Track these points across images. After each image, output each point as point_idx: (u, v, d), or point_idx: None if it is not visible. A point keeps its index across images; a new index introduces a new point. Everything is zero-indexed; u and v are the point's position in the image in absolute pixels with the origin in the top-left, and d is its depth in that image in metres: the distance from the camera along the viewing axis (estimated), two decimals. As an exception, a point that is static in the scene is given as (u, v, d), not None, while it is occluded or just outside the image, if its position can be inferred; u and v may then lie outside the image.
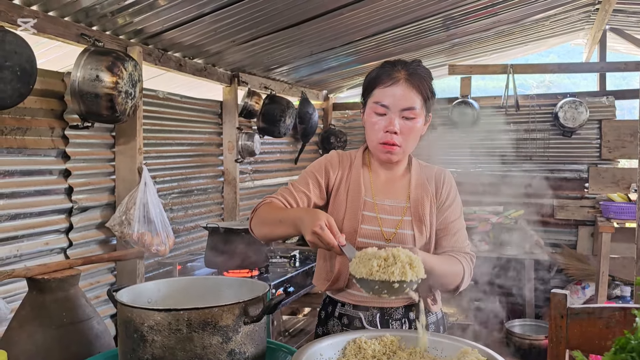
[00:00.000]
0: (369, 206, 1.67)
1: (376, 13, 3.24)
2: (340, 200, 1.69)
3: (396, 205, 1.68)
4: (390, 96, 1.59)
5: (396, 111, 1.59)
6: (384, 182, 1.72)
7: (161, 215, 2.92)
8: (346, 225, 1.66)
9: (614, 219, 4.28)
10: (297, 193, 1.65)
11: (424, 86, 1.61)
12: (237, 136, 4.00)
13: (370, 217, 1.66)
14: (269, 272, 3.37)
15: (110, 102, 2.46)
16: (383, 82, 1.61)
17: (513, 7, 3.65)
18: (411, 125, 1.61)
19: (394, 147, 1.61)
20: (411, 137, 1.63)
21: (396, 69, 1.62)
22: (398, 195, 1.70)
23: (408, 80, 1.59)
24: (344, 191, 1.69)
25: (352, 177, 1.71)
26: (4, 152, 2.36)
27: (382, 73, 1.62)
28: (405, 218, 1.66)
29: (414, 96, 1.59)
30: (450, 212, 1.70)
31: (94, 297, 2.78)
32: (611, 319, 1.30)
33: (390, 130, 1.59)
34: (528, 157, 5.08)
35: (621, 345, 0.83)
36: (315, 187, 1.69)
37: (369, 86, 1.66)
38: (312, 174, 1.71)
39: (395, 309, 1.67)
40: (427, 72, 1.66)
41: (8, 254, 2.37)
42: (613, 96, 4.89)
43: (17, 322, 1.56)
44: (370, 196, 1.69)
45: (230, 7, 2.73)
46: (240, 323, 1.25)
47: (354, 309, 1.68)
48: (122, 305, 1.26)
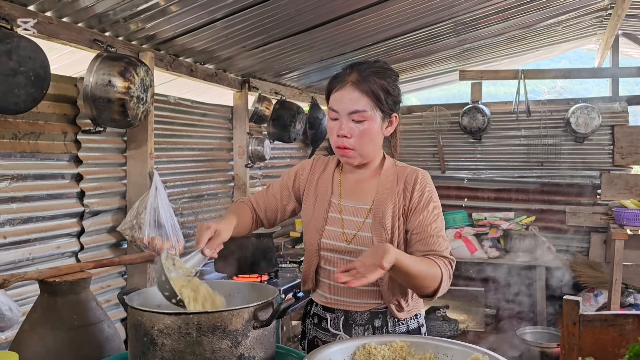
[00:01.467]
0: (335, 207, 1.69)
1: (387, 18, 3.24)
2: (309, 202, 1.73)
3: (360, 207, 1.66)
4: (339, 101, 1.59)
5: (344, 115, 1.58)
6: (352, 183, 1.72)
7: (172, 220, 2.93)
8: (312, 226, 1.70)
9: (627, 226, 4.23)
10: (268, 196, 1.80)
11: (372, 88, 1.56)
12: (248, 141, 4.02)
13: (335, 219, 1.68)
14: (279, 277, 3.38)
15: (122, 107, 2.47)
16: (334, 87, 1.62)
17: (525, 12, 3.64)
18: (362, 128, 1.58)
19: (347, 150, 1.61)
20: (364, 140, 1.59)
21: (347, 72, 1.61)
22: (364, 196, 1.68)
23: (354, 83, 1.57)
24: (313, 193, 1.73)
25: (323, 179, 1.74)
26: (17, 156, 2.38)
27: (334, 77, 1.64)
28: (367, 220, 1.64)
29: (360, 99, 1.56)
30: (426, 214, 1.60)
31: (104, 300, 2.79)
32: (625, 327, 1.28)
33: (340, 134, 1.59)
34: (539, 163, 5.05)
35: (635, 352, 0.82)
36: (284, 190, 1.79)
37: (326, 91, 1.67)
38: (284, 177, 1.82)
39: (359, 313, 1.66)
40: (385, 74, 1.61)
41: (20, 257, 2.39)
42: (626, 102, 4.85)
43: (28, 324, 1.57)
44: (336, 197, 1.70)
45: (241, 12, 2.74)
46: (250, 327, 1.25)
47: (323, 309, 1.72)
48: (133, 309, 1.26)
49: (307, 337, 1.78)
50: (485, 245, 4.88)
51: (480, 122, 5.04)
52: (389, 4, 3.00)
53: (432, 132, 5.34)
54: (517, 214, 5.02)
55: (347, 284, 1.32)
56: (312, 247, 1.70)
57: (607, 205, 4.77)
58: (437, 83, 5.83)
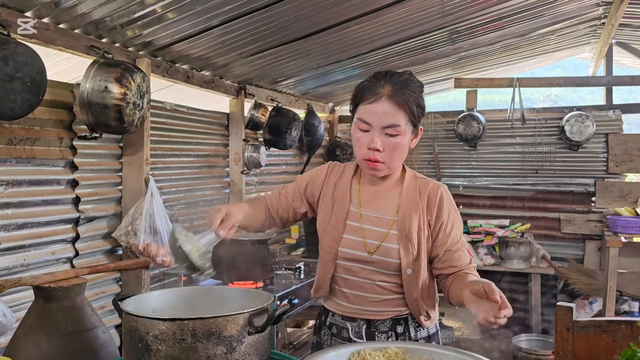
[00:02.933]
0: (354, 216, 1.67)
1: (382, 26, 3.27)
2: (325, 208, 1.71)
3: (383, 218, 1.65)
4: (372, 113, 1.55)
5: (378, 128, 1.55)
6: (372, 193, 1.70)
7: (167, 226, 2.93)
8: (329, 233, 1.67)
9: (621, 234, 4.24)
10: (281, 197, 1.77)
11: (409, 102, 1.55)
12: (244, 148, 4.02)
13: (354, 227, 1.66)
14: (274, 284, 3.37)
15: (119, 113, 2.48)
16: (366, 98, 1.57)
17: (519, 21, 3.67)
18: (395, 142, 1.56)
19: (377, 163, 1.58)
20: (396, 153, 1.58)
21: (380, 83, 1.57)
22: (385, 207, 1.66)
23: (391, 97, 1.54)
24: (330, 200, 1.70)
25: (340, 187, 1.71)
26: (13, 161, 2.38)
27: (365, 88, 1.59)
28: (392, 231, 1.63)
29: (396, 113, 1.54)
30: (454, 233, 1.66)
31: (99, 307, 2.78)
32: (617, 333, 1.29)
33: (372, 147, 1.56)
34: (534, 170, 5.07)
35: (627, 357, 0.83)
36: (297, 193, 1.76)
37: (354, 101, 1.63)
38: (299, 181, 1.79)
39: (382, 321, 1.66)
40: (415, 85, 1.60)
41: (15, 263, 2.38)
42: (620, 110, 4.88)
43: (23, 330, 1.57)
44: (355, 206, 1.68)
45: (238, 20, 2.76)
46: (245, 333, 1.25)
47: (342, 319, 1.69)
48: (127, 315, 1.26)
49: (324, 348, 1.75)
50: (481, 252, 4.89)
51: (476, 130, 5.06)
52: (385, 12, 3.02)
53: (427, 140, 5.35)
54: (512, 221, 5.03)
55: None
56: (328, 255, 1.67)
57: (602, 213, 4.79)
58: (433, 91, 5.86)
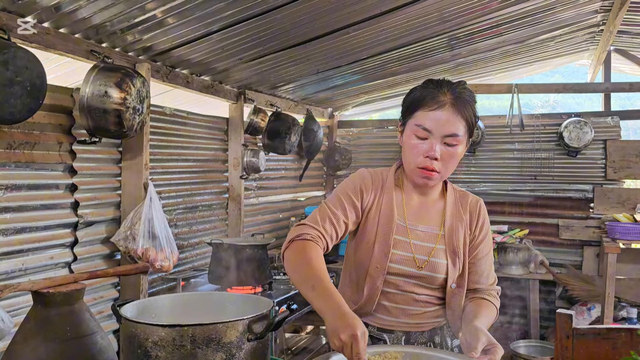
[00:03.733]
0: (401, 230, 1.61)
1: (381, 32, 3.28)
2: (372, 222, 1.62)
3: (430, 232, 1.62)
4: (434, 120, 1.51)
5: (438, 136, 1.51)
6: (417, 205, 1.65)
7: (166, 231, 2.93)
8: (377, 249, 1.60)
9: (619, 240, 4.25)
10: (335, 219, 1.56)
11: (469, 112, 1.53)
12: (243, 153, 4.02)
13: (403, 242, 1.60)
14: (273, 289, 3.36)
15: (118, 117, 2.48)
16: (427, 105, 1.52)
17: (518, 27, 3.69)
18: (453, 152, 1.54)
19: (433, 172, 1.54)
20: (451, 163, 1.56)
21: (442, 91, 1.53)
22: (432, 221, 1.63)
23: (454, 105, 1.51)
24: (375, 213, 1.62)
25: (384, 198, 1.63)
26: (12, 166, 2.37)
27: (427, 95, 1.53)
28: (439, 246, 1.60)
29: (458, 122, 1.51)
30: (483, 246, 1.66)
31: (97, 312, 2.78)
32: (617, 340, 1.29)
33: (430, 156, 1.52)
34: (533, 176, 5.07)
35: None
36: (351, 211, 1.60)
37: (411, 106, 1.57)
38: (348, 196, 1.62)
39: (421, 333, 1.64)
40: (472, 96, 1.58)
41: (13, 268, 2.37)
42: (618, 116, 4.89)
43: (21, 335, 1.56)
44: (402, 220, 1.62)
45: (238, 25, 2.77)
46: (244, 340, 1.25)
47: (379, 330, 1.63)
48: (127, 320, 1.26)
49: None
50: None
51: (474, 136, 5.06)
52: (384, 19, 3.04)
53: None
54: (510, 227, 5.03)
55: None
56: (377, 271, 1.59)
57: (600, 219, 4.80)
58: (432, 96, 5.87)
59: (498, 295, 1.66)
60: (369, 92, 4.94)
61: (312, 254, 1.44)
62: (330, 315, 1.26)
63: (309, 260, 1.42)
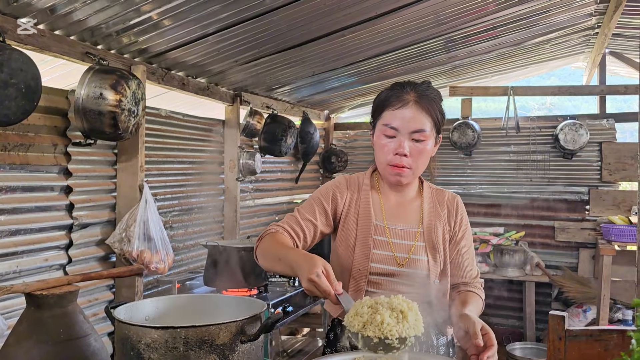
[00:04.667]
0: (380, 230, 1.65)
1: (377, 35, 3.28)
2: (350, 225, 1.67)
3: (408, 230, 1.66)
4: (400, 118, 1.57)
5: (405, 133, 1.58)
6: (394, 205, 1.69)
7: (161, 233, 2.92)
8: (358, 251, 1.64)
9: (615, 242, 4.26)
10: (303, 222, 1.64)
11: (433, 108, 1.60)
12: (239, 155, 4.02)
13: (382, 242, 1.64)
14: (268, 292, 3.36)
15: (113, 119, 2.48)
16: (392, 105, 1.59)
17: (514, 30, 3.70)
18: (421, 148, 1.59)
19: (404, 169, 1.59)
20: (421, 159, 1.61)
21: (405, 90, 1.60)
22: (410, 219, 1.68)
23: (417, 102, 1.58)
24: (353, 216, 1.67)
25: (362, 200, 1.68)
26: (6, 167, 2.37)
27: (392, 95, 1.61)
28: (418, 243, 1.64)
29: (423, 118, 1.58)
30: (464, 242, 1.71)
31: (91, 314, 2.77)
32: (610, 342, 1.30)
33: (399, 152, 1.58)
34: (528, 178, 5.09)
35: (618, 367, 0.83)
36: (321, 214, 1.66)
37: (378, 108, 1.65)
38: (319, 200, 1.68)
39: None
40: (437, 94, 1.65)
41: (7, 270, 2.37)
42: (613, 119, 4.91)
43: (14, 338, 1.55)
44: (381, 220, 1.66)
45: (233, 27, 2.77)
46: (237, 342, 1.25)
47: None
48: (120, 322, 1.26)
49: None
50: (475, 260, 4.89)
51: (470, 138, 5.08)
52: (380, 21, 3.04)
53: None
54: (506, 229, 5.04)
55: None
56: (359, 273, 1.63)
57: (596, 221, 4.81)
58: (428, 99, 5.88)
59: (482, 287, 1.72)
60: (365, 95, 4.94)
61: (278, 239, 1.56)
62: (295, 266, 1.38)
63: (275, 243, 1.55)
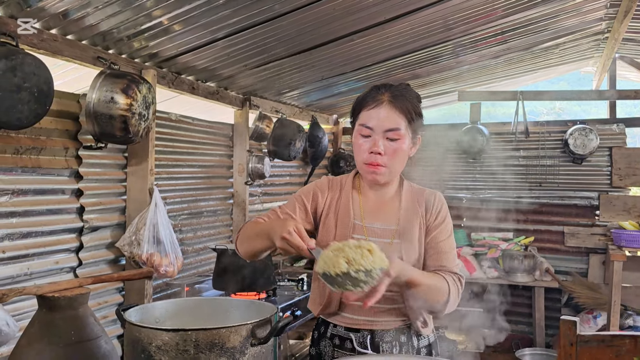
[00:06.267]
0: (359, 229, 1.68)
1: (386, 39, 3.29)
2: (329, 224, 1.71)
3: (386, 228, 1.68)
4: (374, 118, 1.61)
5: (380, 132, 1.60)
6: (373, 204, 1.72)
7: (170, 236, 2.93)
8: None
9: (625, 247, 4.22)
10: (282, 215, 1.69)
11: (408, 107, 1.62)
12: (248, 159, 4.03)
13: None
14: (277, 295, 3.37)
15: (124, 123, 2.50)
16: (368, 105, 1.63)
17: (523, 35, 3.69)
18: (396, 146, 1.61)
19: (379, 167, 1.62)
20: (396, 158, 1.63)
21: (380, 91, 1.64)
22: (388, 218, 1.70)
23: (391, 101, 1.61)
24: (333, 215, 1.71)
25: (342, 200, 1.72)
26: (18, 171, 2.39)
27: (367, 96, 1.66)
28: (395, 241, 1.66)
29: (397, 117, 1.60)
30: (439, 231, 1.68)
31: (101, 317, 2.78)
32: (622, 347, 1.29)
33: (374, 151, 1.60)
34: (538, 183, 5.06)
35: (630, 373, 0.82)
36: (301, 210, 1.71)
37: (355, 109, 1.69)
38: (300, 197, 1.74)
39: (386, 331, 1.67)
40: (413, 94, 1.67)
41: (19, 272, 2.38)
42: (624, 124, 4.88)
43: (25, 339, 1.57)
44: (359, 219, 1.69)
45: (243, 32, 2.78)
46: (247, 345, 1.25)
47: (346, 330, 1.69)
48: (130, 325, 1.27)
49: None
50: (484, 265, 4.87)
51: (479, 143, 5.07)
52: (389, 26, 3.05)
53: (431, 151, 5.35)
54: (515, 234, 5.02)
55: (364, 305, 1.34)
56: None
57: (606, 227, 4.77)
58: (437, 103, 5.87)
59: (459, 281, 1.63)
60: (374, 99, 4.94)
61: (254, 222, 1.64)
62: (271, 232, 1.45)
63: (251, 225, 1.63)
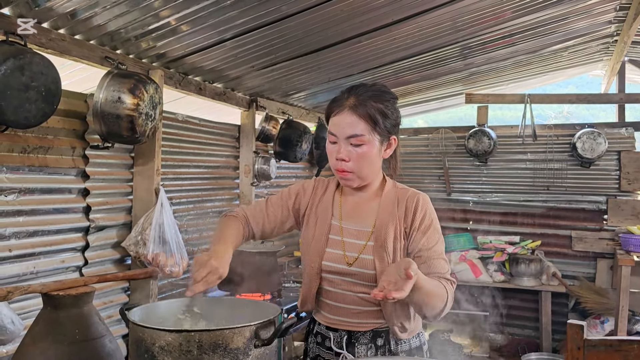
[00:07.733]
0: (335, 230, 1.70)
1: (394, 41, 3.28)
2: (310, 224, 1.74)
3: (361, 230, 1.68)
4: (337, 125, 1.61)
5: (343, 139, 1.60)
6: (351, 206, 1.73)
7: (176, 237, 2.93)
8: (313, 248, 1.70)
9: (633, 252, 4.19)
10: (268, 212, 1.76)
11: (369, 112, 1.57)
12: (254, 160, 4.04)
13: (336, 241, 1.68)
14: (282, 297, 3.36)
15: (131, 123, 2.50)
16: (332, 111, 1.64)
17: (531, 37, 3.67)
18: (360, 152, 1.59)
19: (345, 173, 1.63)
20: (363, 163, 1.61)
21: (345, 96, 1.62)
22: (364, 219, 1.69)
23: (352, 107, 1.58)
24: (314, 215, 1.74)
25: (324, 202, 1.75)
26: (25, 169, 2.40)
27: (333, 102, 1.65)
28: (369, 243, 1.65)
29: (358, 124, 1.57)
30: (427, 238, 1.63)
31: (106, 316, 2.78)
32: (630, 352, 1.27)
33: (339, 158, 1.61)
34: (545, 187, 5.03)
35: (639, 378, 0.81)
36: (284, 209, 1.77)
37: (326, 116, 1.69)
38: (284, 196, 1.80)
39: (362, 333, 1.66)
40: (382, 97, 1.61)
41: (25, 271, 2.39)
42: (632, 127, 4.85)
43: (30, 338, 1.57)
44: (337, 220, 1.71)
45: (250, 33, 2.78)
46: (251, 346, 1.25)
47: (326, 329, 1.72)
48: (134, 325, 1.27)
49: (310, 356, 1.77)
50: (490, 269, 4.85)
51: (486, 145, 5.05)
52: (396, 27, 3.04)
53: (438, 155, 5.35)
54: (522, 238, 4.99)
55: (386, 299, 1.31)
56: (312, 270, 1.70)
57: (614, 231, 4.73)
58: (444, 106, 5.86)
59: (452, 287, 1.59)
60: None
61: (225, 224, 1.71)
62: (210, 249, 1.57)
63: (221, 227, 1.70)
